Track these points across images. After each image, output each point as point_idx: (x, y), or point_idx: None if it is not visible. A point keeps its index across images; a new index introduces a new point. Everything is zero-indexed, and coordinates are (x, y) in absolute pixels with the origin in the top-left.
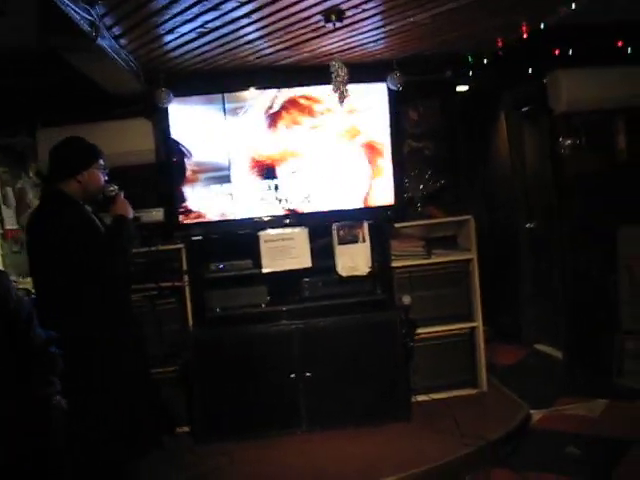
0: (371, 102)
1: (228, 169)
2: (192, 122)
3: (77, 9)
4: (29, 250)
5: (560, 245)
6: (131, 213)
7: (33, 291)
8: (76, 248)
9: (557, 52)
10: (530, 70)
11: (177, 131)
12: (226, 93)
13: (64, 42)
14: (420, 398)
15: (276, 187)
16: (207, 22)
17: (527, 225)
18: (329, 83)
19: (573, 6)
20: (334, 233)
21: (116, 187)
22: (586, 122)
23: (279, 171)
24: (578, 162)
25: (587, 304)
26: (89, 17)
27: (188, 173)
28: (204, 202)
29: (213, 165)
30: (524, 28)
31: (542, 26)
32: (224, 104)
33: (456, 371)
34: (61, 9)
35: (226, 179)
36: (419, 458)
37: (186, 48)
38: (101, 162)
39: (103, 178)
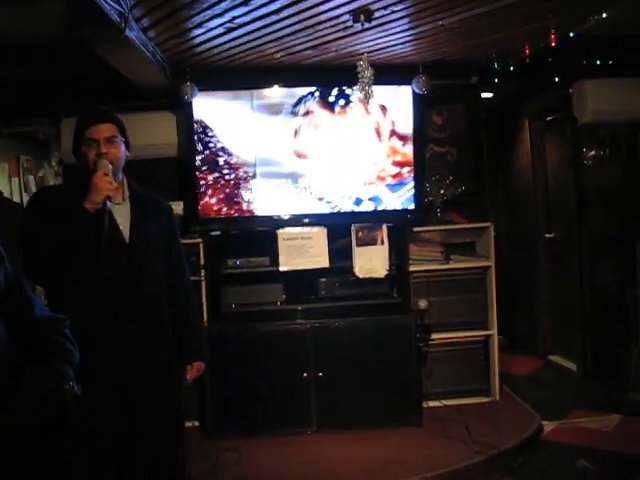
0: (395, 105)
1: (254, 165)
2: (216, 117)
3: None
4: None
5: (579, 256)
6: (98, 198)
7: None
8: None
9: (584, 62)
10: (556, 79)
11: (200, 126)
12: (250, 90)
13: (92, 32)
14: (432, 404)
15: (298, 186)
16: (235, 17)
17: (547, 235)
18: (355, 84)
19: (604, 15)
20: (353, 234)
21: (102, 160)
22: (611, 133)
23: (302, 170)
24: (601, 173)
25: (604, 317)
26: (119, 8)
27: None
28: (225, 197)
29: (236, 161)
30: (553, 36)
31: (571, 35)
32: (251, 101)
33: (469, 378)
34: None
35: (250, 176)
36: (429, 464)
37: (213, 43)
38: (87, 135)
39: (94, 152)
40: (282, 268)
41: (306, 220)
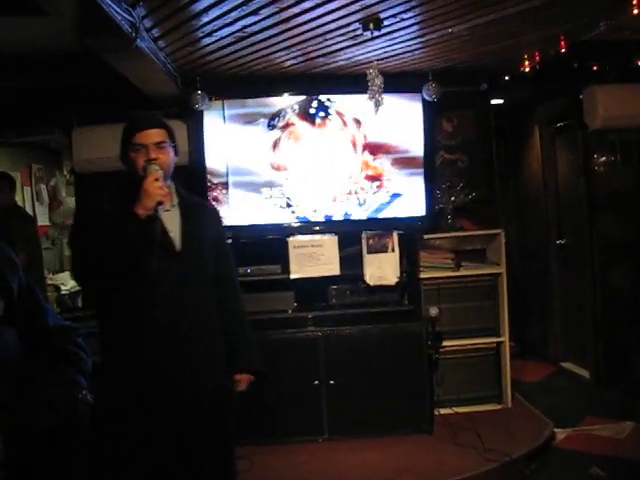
0: (405, 112)
1: (226, 175)
2: (224, 126)
3: (119, 10)
4: None
5: (591, 262)
6: (150, 204)
7: (62, 288)
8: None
9: (594, 68)
10: (566, 85)
11: (210, 134)
12: (260, 98)
13: (104, 43)
14: (443, 411)
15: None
16: (246, 27)
17: (558, 241)
18: (364, 92)
19: (614, 20)
20: (364, 242)
21: (152, 166)
22: (621, 139)
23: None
24: (611, 179)
25: (617, 322)
26: (130, 18)
27: (220, 177)
28: (235, 206)
29: (242, 170)
30: (563, 42)
31: (580, 41)
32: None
33: (481, 386)
34: (104, 10)
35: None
36: (440, 471)
37: (224, 52)
38: (135, 141)
39: (142, 158)
40: (293, 276)
41: (317, 228)
